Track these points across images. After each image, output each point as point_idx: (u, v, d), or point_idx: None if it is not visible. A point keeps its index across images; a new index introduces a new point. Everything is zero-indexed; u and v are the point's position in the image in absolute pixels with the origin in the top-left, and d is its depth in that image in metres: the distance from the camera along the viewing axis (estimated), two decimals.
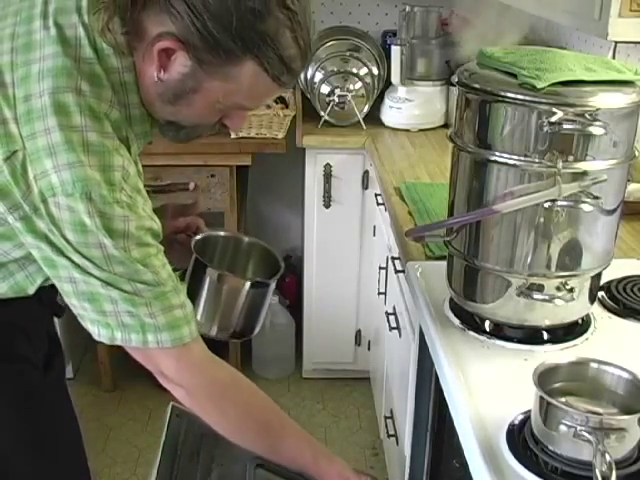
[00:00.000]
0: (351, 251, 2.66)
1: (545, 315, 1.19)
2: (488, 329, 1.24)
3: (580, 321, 1.26)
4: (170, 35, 0.94)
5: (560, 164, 1.05)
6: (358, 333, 2.78)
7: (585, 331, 1.25)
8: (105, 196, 0.95)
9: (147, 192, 1.06)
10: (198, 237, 1.31)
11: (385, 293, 2.19)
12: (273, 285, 1.30)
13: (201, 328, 1.26)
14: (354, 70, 2.60)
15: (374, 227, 2.52)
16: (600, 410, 0.95)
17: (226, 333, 1.31)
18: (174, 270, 1.13)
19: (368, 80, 2.61)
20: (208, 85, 0.99)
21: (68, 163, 0.94)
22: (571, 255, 1.14)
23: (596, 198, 1.07)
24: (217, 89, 0.99)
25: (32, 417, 1.23)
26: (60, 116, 0.94)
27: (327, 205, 2.60)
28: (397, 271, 1.83)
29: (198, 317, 1.26)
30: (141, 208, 1.01)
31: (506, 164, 1.10)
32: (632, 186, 1.69)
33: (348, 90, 2.57)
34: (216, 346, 2.85)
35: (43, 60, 0.96)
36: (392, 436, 2.01)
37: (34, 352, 1.24)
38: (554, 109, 1.04)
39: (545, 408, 0.91)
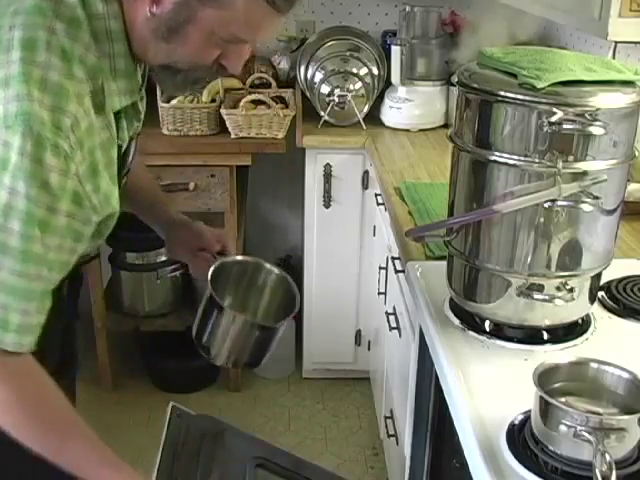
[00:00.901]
0: (351, 251, 2.66)
1: (545, 315, 1.19)
2: (488, 329, 1.24)
3: (580, 321, 1.26)
4: None
5: (560, 164, 1.05)
6: (358, 333, 2.78)
7: (585, 331, 1.25)
8: (46, 138, 0.91)
9: None
10: (214, 266, 1.28)
11: (385, 293, 2.19)
12: (283, 326, 1.28)
13: (210, 356, 1.27)
14: (354, 70, 2.60)
15: (374, 227, 2.52)
16: (600, 410, 0.95)
17: (232, 363, 1.31)
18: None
19: (368, 80, 2.61)
20: (202, 14, 0.96)
21: (17, 95, 0.90)
22: (571, 255, 1.14)
23: (596, 198, 1.07)
24: (212, 18, 0.96)
25: None
26: (25, 50, 0.91)
27: (327, 205, 2.60)
28: (397, 271, 1.83)
29: (210, 346, 1.26)
30: (75, 166, 0.95)
31: (506, 164, 1.10)
32: (632, 186, 1.69)
33: (348, 90, 2.56)
34: None
35: (22, 0, 0.94)
36: (392, 436, 2.01)
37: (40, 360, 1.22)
38: (554, 109, 1.04)
39: (545, 408, 0.91)
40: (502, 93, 1.08)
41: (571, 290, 1.16)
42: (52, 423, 1.04)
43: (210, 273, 1.26)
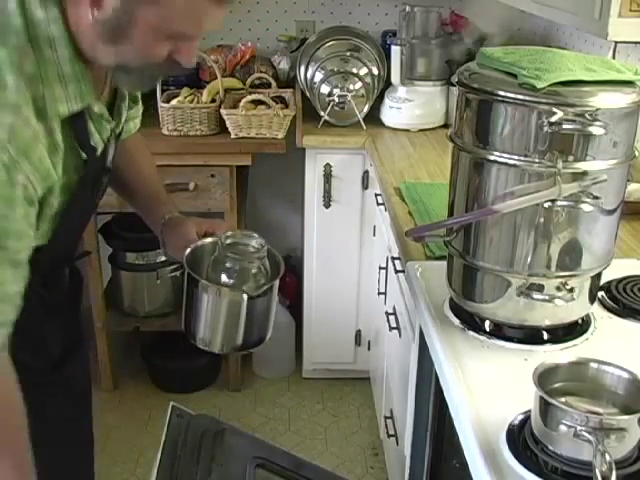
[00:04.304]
0: (351, 251, 2.66)
1: (545, 315, 1.19)
2: (488, 329, 1.24)
3: (580, 321, 1.26)
4: None
5: (560, 164, 1.05)
6: (358, 333, 2.78)
7: (585, 331, 1.25)
8: None
9: None
10: (188, 251, 1.26)
11: (385, 293, 2.19)
12: (275, 287, 1.24)
13: (206, 345, 1.22)
14: (354, 70, 2.60)
15: (374, 227, 2.52)
16: (600, 410, 0.95)
17: (233, 347, 1.24)
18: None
19: (368, 80, 2.61)
20: (142, 14, 0.95)
21: None
22: (571, 255, 1.14)
23: (596, 198, 1.07)
24: (152, 17, 0.96)
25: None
26: None
27: (327, 205, 2.60)
28: (397, 271, 1.83)
29: (201, 334, 1.21)
30: (23, 175, 0.95)
31: (506, 164, 1.10)
32: (632, 186, 1.69)
33: (348, 90, 2.56)
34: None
35: None
36: (392, 436, 2.01)
37: (33, 358, 1.20)
38: (554, 109, 1.04)
39: (545, 408, 0.91)
40: (502, 93, 1.08)
41: (571, 290, 1.16)
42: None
43: (185, 255, 1.24)
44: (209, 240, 1.31)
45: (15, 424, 1.02)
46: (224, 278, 1.21)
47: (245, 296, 1.19)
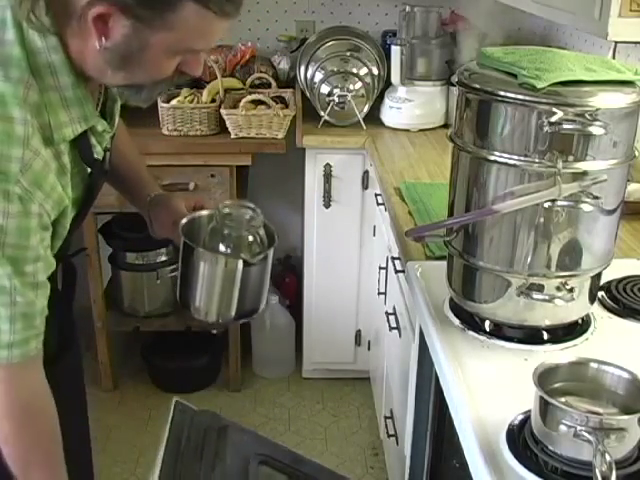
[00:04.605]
0: (351, 251, 2.66)
1: (545, 315, 1.19)
2: (488, 329, 1.24)
3: (580, 321, 1.26)
4: (99, 0, 0.91)
5: (560, 164, 1.05)
6: (358, 333, 2.78)
7: (585, 331, 1.25)
8: None
9: None
10: (184, 220, 1.27)
11: (385, 293, 2.19)
12: (269, 258, 1.24)
13: (201, 315, 1.23)
14: (354, 70, 2.60)
15: (374, 227, 2.52)
16: (600, 410, 0.95)
17: (228, 317, 1.25)
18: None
19: (368, 80, 2.61)
20: (154, 39, 0.95)
21: None
22: (571, 255, 1.14)
23: (596, 198, 1.07)
24: (164, 40, 0.96)
25: None
26: None
27: (327, 205, 2.60)
28: (397, 271, 1.83)
29: (196, 304, 1.22)
30: (37, 205, 0.98)
31: (506, 164, 1.10)
32: (632, 186, 1.69)
33: (348, 90, 2.56)
34: (214, 348, 2.85)
35: None
36: (392, 436, 2.01)
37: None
38: (554, 109, 1.04)
39: (545, 408, 0.91)
40: (502, 93, 1.08)
41: (571, 290, 1.16)
42: (36, 444, 1.07)
43: (181, 226, 1.24)
44: (205, 212, 1.32)
45: (52, 438, 1.09)
46: (221, 247, 1.22)
47: (241, 262, 1.19)
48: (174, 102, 2.54)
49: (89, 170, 1.13)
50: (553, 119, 1.04)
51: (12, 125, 0.94)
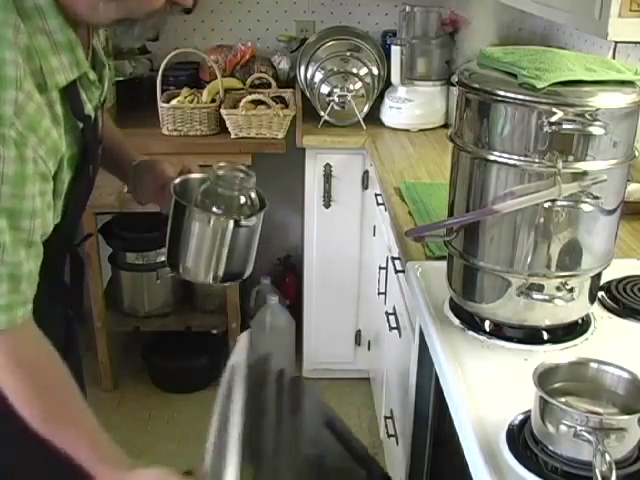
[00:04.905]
0: (351, 251, 2.66)
1: (545, 315, 1.19)
2: (488, 329, 1.24)
3: (580, 321, 1.26)
4: None
5: (560, 164, 1.05)
6: (358, 333, 2.78)
7: (585, 331, 1.25)
8: None
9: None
10: (177, 181, 1.26)
11: (385, 293, 2.19)
12: (259, 221, 1.24)
13: (190, 275, 1.23)
14: (354, 70, 2.60)
15: (374, 227, 2.52)
16: (600, 410, 0.95)
17: (217, 277, 1.24)
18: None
19: (368, 80, 2.61)
20: None
21: None
22: (571, 255, 1.14)
23: (596, 198, 1.07)
24: None
25: None
26: None
27: (327, 205, 2.60)
28: (397, 271, 1.83)
29: (186, 263, 1.21)
30: (31, 149, 0.95)
31: (506, 164, 1.10)
32: (632, 186, 1.69)
33: (348, 90, 2.56)
34: (214, 348, 2.83)
35: None
36: (392, 436, 2.01)
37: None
38: (554, 109, 1.04)
39: (545, 408, 0.91)
40: (502, 93, 1.08)
41: (571, 290, 1.16)
42: (52, 402, 1.04)
43: (173, 186, 1.23)
44: (197, 175, 1.31)
45: (65, 391, 1.05)
46: (213, 208, 1.22)
47: (232, 222, 1.20)
48: (174, 102, 2.55)
49: (81, 127, 1.09)
50: (553, 119, 1.04)
51: (3, 67, 0.92)
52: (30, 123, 0.95)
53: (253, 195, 1.27)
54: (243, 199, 1.25)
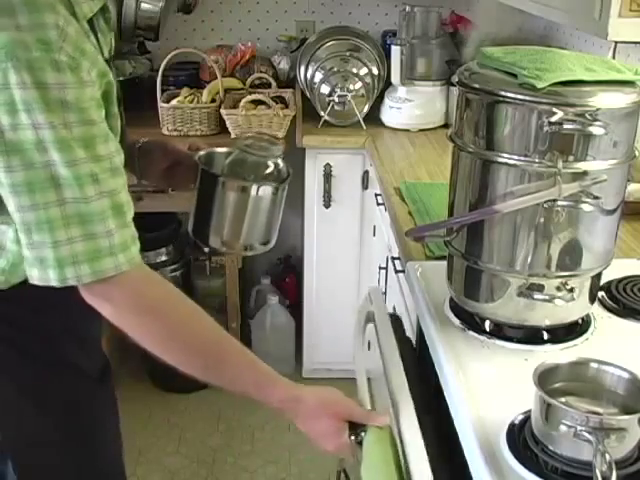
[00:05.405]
0: (351, 251, 2.66)
1: (545, 315, 1.19)
2: (488, 329, 1.24)
3: (580, 321, 1.26)
4: None
5: (560, 164, 1.05)
6: None
7: (585, 331, 1.25)
8: (37, 59, 0.85)
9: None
10: (202, 152, 1.27)
11: (385, 293, 2.19)
12: (283, 192, 1.24)
13: (221, 245, 1.23)
14: (354, 70, 2.60)
15: (374, 227, 2.52)
16: (600, 410, 0.95)
17: (248, 246, 1.25)
18: None
19: (368, 80, 2.61)
20: None
21: None
22: (571, 255, 1.14)
23: (596, 198, 1.07)
24: None
25: (75, 428, 1.20)
26: None
27: (327, 205, 2.60)
28: (397, 271, 1.83)
29: (219, 234, 1.22)
30: (86, 72, 0.91)
31: (506, 164, 1.10)
32: (632, 186, 1.69)
33: (348, 90, 2.57)
34: None
35: None
36: None
37: (88, 361, 1.20)
38: (554, 109, 1.04)
39: (545, 408, 0.91)
40: (502, 93, 1.08)
41: (571, 290, 1.16)
42: (198, 346, 1.07)
43: (198, 156, 1.24)
44: (222, 149, 1.32)
45: (210, 326, 1.07)
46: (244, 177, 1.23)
47: (270, 188, 1.20)
48: (174, 102, 2.55)
49: (104, 67, 1.02)
50: (553, 119, 1.04)
51: None
52: (77, 45, 0.91)
53: (281, 163, 1.26)
54: (272, 167, 1.24)
